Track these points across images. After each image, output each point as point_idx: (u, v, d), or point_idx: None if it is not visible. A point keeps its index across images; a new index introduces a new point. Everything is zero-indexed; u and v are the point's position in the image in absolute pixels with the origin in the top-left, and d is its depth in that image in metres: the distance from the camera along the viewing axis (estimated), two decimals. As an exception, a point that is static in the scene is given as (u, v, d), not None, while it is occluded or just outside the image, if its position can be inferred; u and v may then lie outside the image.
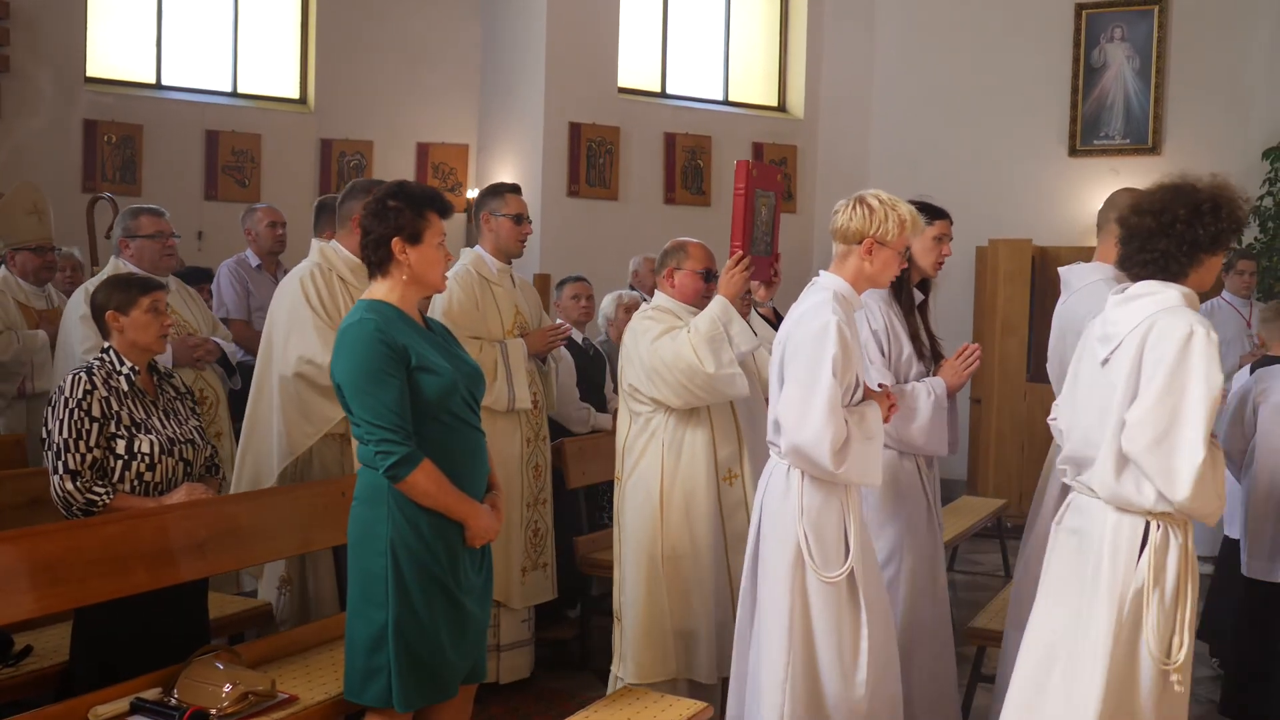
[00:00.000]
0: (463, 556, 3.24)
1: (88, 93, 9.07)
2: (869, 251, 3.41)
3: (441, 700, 3.26)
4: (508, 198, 4.84)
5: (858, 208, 3.41)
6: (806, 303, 3.46)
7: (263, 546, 3.92)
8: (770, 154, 10.72)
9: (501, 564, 4.68)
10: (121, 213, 5.08)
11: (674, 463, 4.15)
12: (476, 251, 4.90)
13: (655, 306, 4.28)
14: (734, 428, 4.23)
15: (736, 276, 4.03)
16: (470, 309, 4.70)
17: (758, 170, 4.06)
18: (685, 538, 4.13)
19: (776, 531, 3.43)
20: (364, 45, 10.12)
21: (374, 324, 3.11)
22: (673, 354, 4.01)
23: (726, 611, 4.08)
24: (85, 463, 3.53)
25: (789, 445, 3.34)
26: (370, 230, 3.21)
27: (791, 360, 3.37)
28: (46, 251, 5.72)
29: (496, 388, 4.67)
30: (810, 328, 3.34)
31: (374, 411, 3.07)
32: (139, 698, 3.27)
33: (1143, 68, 9.80)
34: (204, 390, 5.01)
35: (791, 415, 3.32)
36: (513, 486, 4.81)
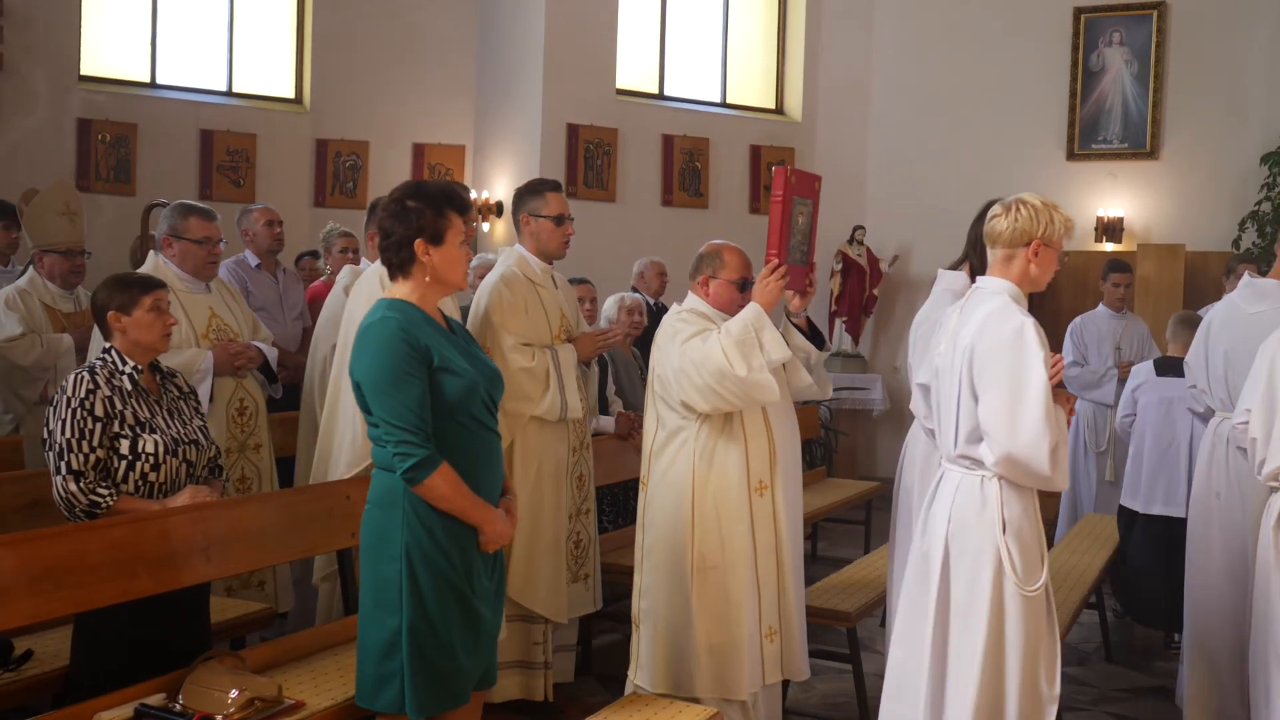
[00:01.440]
0: (477, 561, 3.19)
1: (82, 91, 9.01)
2: (1036, 253, 3.33)
3: (454, 707, 3.20)
4: (548, 197, 4.63)
5: (1022, 209, 3.33)
6: (982, 309, 3.32)
7: (267, 550, 3.86)
8: (768, 156, 10.70)
9: (548, 579, 4.57)
10: (170, 207, 4.84)
11: (705, 471, 3.99)
12: (518, 251, 4.71)
13: (689, 309, 4.13)
14: (766, 438, 4.06)
15: (772, 285, 3.90)
16: (519, 312, 4.53)
17: (796, 177, 3.95)
18: (717, 549, 3.97)
19: (972, 545, 3.29)
20: (360, 45, 10.07)
21: (396, 323, 3.06)
22: (702, 355, 3.87)
23: (755, 625, 3.99)
24: (89, 463, 3.47)
25: (1002, 454, 3.20)
26: (391, 232, 3.16)
27: (988, 368, 3.24)
28: (76, 255, 5.50)
29: (549, 397, 4.51)
30: (1003, 332, 3.23)
31: (394, 412, 3.02)
32: (143, 703, 3.21)
33: (1141, 72, 9.80)
34: (244, 400, 4.83)
35: (1002, 423, 3.19)
36: (559, 497, 4.65)
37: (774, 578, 4.04)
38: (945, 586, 3.34)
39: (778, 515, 4.04)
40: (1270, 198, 9.08)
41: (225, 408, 4.76)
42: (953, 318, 3.45)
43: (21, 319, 5.21)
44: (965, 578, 3.30)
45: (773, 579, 4.04)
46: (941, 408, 3.43)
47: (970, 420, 3.29)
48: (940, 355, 3.44)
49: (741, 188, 10.69)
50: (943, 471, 3.45)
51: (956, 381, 3.32)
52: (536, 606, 4.59)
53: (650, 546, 4.11)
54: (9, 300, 5.25)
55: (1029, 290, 3.41)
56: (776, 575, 4.05)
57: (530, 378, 4.48)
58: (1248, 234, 9.14)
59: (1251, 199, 9.20)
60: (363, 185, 10.09)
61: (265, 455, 4.91)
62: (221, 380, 4.69)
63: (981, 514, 3.28)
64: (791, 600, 4.08)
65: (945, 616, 3.34)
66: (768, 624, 4.04)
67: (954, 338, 3.37)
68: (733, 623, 3.96)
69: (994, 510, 3.27)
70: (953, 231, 11.72)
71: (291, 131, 9.93)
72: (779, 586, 4.05)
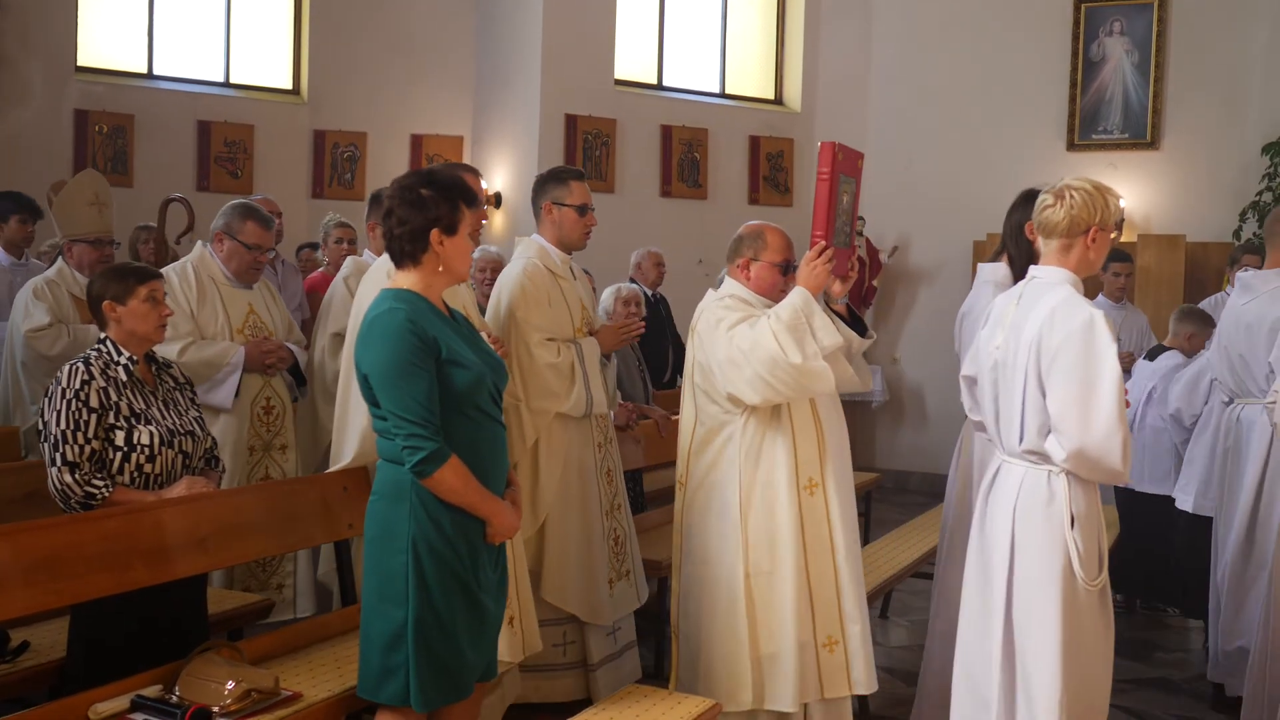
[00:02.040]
0: (482, 553, 3.17)
1: (78, 82, 8.97)
2: (1094, 239, 3.26)
3: (458, 700, 3.19)
4: (572, 185, 4.51)
5: (1075, 196, 3.24)
6: (1046, 300, 3.24)
7: (264, 541, 3.84)
8: (767, 147, 10.67)
9: (586, 580, 4.49)
10: (231, 206, 4.83)
11: (752, 470, 3.77)
12: (537, 242, 4.56)
13: (730, 294, 3.88)
14: (815, 433, 3.82)
15: (819, 268, 3.67)
16: (543, 305, 4.40)
17: (843, 154, 3.70)
18: (767, 554, 3.76)
19: (1038, 541, 3.23)
20: (358, 35, 10.03)
21: (405, 314, 3.03)
22: (751, 342, 3.63)
23: (809, 634, 3.77)
24: (84, 454, 3.45)
25: (1074, 448, 3.13)
26: (406, 220, 3.11)
27: (1058, 362, 3.15)
28: (105, 244, 5.44)
29: (575, 392, 4.40)
30: (1073, 325, 3.14)
31: (402, 405, 2.99)
32: (140, 695, 3.20)
33: (1141, 62, 9.77)
34: (271, 399, 4.81)
35: (1074, 417, 3.12)
36: (588, 494, 4.55)
37: (831, 583, 3.80)
38: (1009, 583, 3.27)
39: (830, 515, 3.81)
40: (1271, 188, 9.05)
41: (251, 405, 4.76)
42: (1008, 309, 3.36)
43: (49, 309, 5.18)
44: (1032, 574, 3.23)
45: (829, 584, 3.80)
46: (1001, 401, 3.34)
47: (1038, 415, 3.21)
48: (998, 348, 3.34)
49: (740, 179, 10.65)
50: (999, 465, 3.38)
51: (1022, 375, 3.23)
52: (571, 607, 4.49)
53: (692, 551, 3.91)
54: (37, 290, 5.20)
55: (1087, 274, 3.34)
56: (834, 580, 3.81)
57: (556, 374, 4.38)
58: (1248, 224, 9.11)
59: (1252, 189, 9.17)
60: (361, 176, 10.05)
61: (291, 458, 4.86)
62: (249, 377, 4.68)
63: (1049, 509, 3.22)
64: (851, 607, 3.82)
65: (1011, 614, 3.27)
66: (825, 633, 3.80)
67: (1016, 330, 3.28)
68: (784, 632, 3.74)
69: (1061, 505, 3.21)
70: (952, 223, 11.81)
71: (289, 122, 9.90)
72: (837, 592, 3.81)
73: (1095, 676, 3.29)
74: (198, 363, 4.52)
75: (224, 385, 4.62)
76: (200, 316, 4.64)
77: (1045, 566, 3.21)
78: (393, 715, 3.14)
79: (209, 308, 4.66)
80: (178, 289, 4.59)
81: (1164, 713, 5.08)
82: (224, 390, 4.62)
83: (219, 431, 4.53)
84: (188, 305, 4.62)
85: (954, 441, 4.50)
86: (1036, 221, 3.33)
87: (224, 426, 4.65)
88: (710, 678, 3.82)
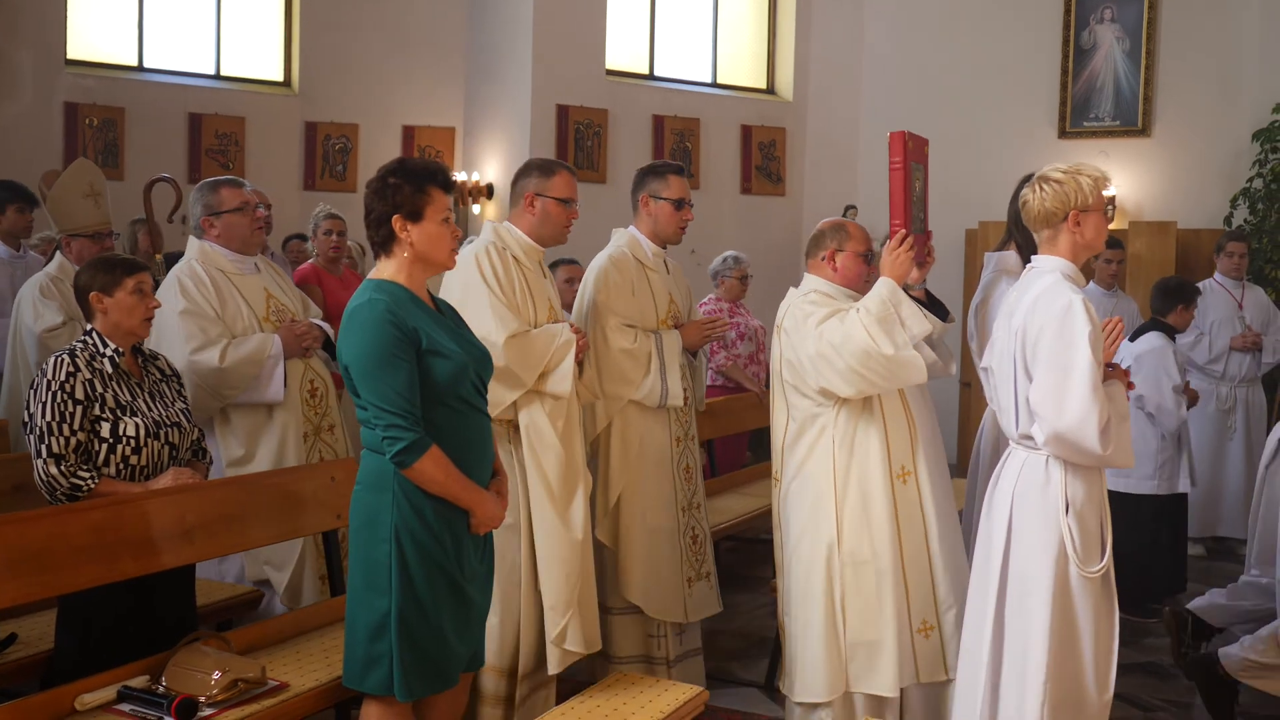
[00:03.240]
0: (467, 544, 3.18)
1: (68, 75, 8.96)
2: (1076, 223, 3.32)
3: (443, 689, 3.21)
4: (670, 179, 4.53)
5: (1045, 187, 3.32)
6: (1034, 289, 3.31)
7: (251, 532, 3.85)
8: (759, 136, 10.67)
9: (657, 576, 4.46)
10: (197, 188, 4.60)
11: (846, 460, 3.82)
12: (631, 233, 4.60)
13: (814, 290, 3.96)
14: (906, 421, 3.89)
15: (902, 257, 3.75)
16: (626, 293, 4.43)
17: (913, 141, 3.76)
18: (864, 542, 3.81)
19: (1033, 525, 3.28)
20: (349, 27, 10.01)
21: (384, 305, 3.04)
22: (843, 336, 3.69)
23: (905, 620, 3.83)
24: (69, 446, 3.46)
25: (1050, 433, 3.20)
26: (371, 209, 3.14)
27: (1037, 347, 3.24)
28: (105, 237, 5.29)
29: (649, 381, 4.40)
30: (1052, 310, 3.22)
31: (382, 395, 3.00)
32: (126, 685, 3.22)
33: (1132, 49, 9.77)
34: (314, 381, 4.61)
35: (1049, 402, 3.18)
36: (663, 488, 4.52)
37: (925, 569, 3.86)
38: (1005, 566, 3.33)
39: (924, 502, 3.86)
40: (1262, 174, 9.05)
41: (299, 391, 4.54)
42: (1010, 298, 3.45)
43: (60, 307, 5.03)
44: (1026, 557, 3.29)
45: (924, 570, 3.85)
46: (999, 390, 3.42)
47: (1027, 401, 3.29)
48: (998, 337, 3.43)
49: (733, 168, 10.65)
50: (1009, 452, 3.43)
51: (1011, 362, 3.32)
52: (635, 599, 4.46)
53: (789, 545, 3.96)
54: (44, 288, 5.03)
55: (1087, 255, 3.40)
56: (929, 566, 3.86)
57: (630, 359, 4.39)
58: (1239, 211, 9.12)
59: (1243, 176, 9.17)
60: (352, 168, 10.05)
61: (340, 436, 4.70)
62: (290, 363, 4.45)
63: (1044, 493, 3.27)
64: (945, 593, 3.88)
65: (1003, 597, 3.33)
66: (920, 618, 3.85)
67: (1008, 319, 3.37)
68: (883, 618, 3.79)
69: (1056, 490, 3.26)
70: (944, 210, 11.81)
71: (280, 114, 9.88)
72: (931, 578, 3.87)
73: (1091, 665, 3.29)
74: (240, 362, 4.30)
75: (272, 377, 4.39)
76: (225, 315, 4.39)
77: (1038, 551, 3.25)
78: (377, 705, 3.15)
79: (231, 305, 4.41)
80: (195, 293, 4.35)
81: (1153, 697, 5.10)
82: (274, 383, 4.38)
83: (277, 426, 4.43)
84: (210, 307, 4.36)
85: (949, 429, 4.53)
86: (1025, 214, 3.41)
87: (279, 420, 4.45)
88: (809, 665, 3.85)
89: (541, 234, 4.19)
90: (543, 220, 4.17)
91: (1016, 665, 3.28)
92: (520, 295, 4.01)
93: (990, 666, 3.32)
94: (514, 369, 3.86)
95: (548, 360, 3.92)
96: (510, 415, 3.95)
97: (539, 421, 3.94)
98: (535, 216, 4.17)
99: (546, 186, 4.18)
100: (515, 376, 3.89)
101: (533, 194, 4.17)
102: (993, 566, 3.35)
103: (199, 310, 4.32)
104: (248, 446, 4.43)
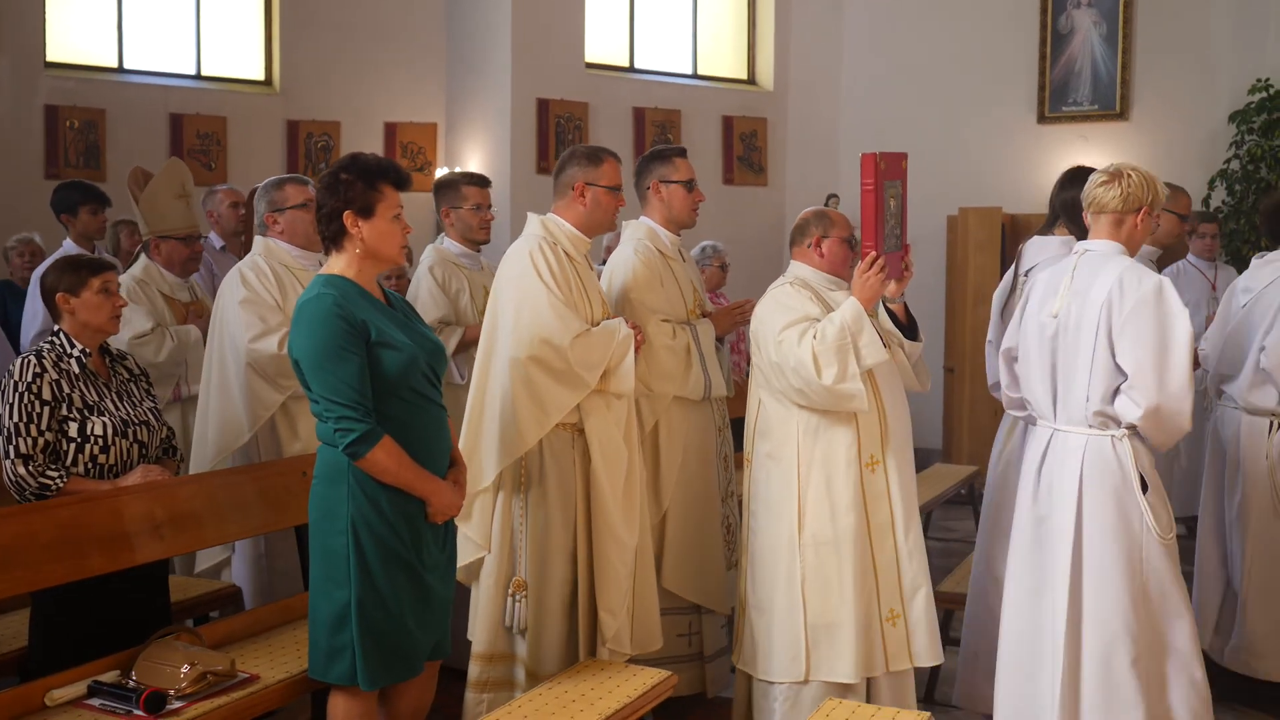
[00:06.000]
0: (425, 533, 3.23)
1: (48, 78, 8.96)
2: (1144, 218, 3.59)
3: (407, 678, 3.25)
4: (677, 162, 4.48)
5: (1132, 177, 3.54)
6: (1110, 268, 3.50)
7: (222, 527, 3.89)
8: (740, 127, 10.68)
9: (705, 567, 4.48)
10: (263, 186, 4.61)
11: (811, 445, 3.83)
12: (646, 224, 4.51)
13: (796, 279, 3.98)
14: (877, 411, 3.87)
15: (872, 280, 3.76)
16: (656, 287, 4.36)
17: (885, 162, 3.79)
18: (826, 525, 3.81)
19: (1109, 506, 3.48)
20: (329, 25, 10.01)
21: (332, 299, 3.08)
22: (796, 360, 3.74)
23: (873, 607, 3.83)
24: (37, 447, 3.50)
25: (1150, 407, 3.38)
26: (322, 204, 3.19)
27: (1131, 325, 3.41)
28: (195, 240, 5.19)
29: (693, 375, 4.37)
30: (1144, 290, 3.42)
31: (333, 388, 3.05)
32: (96, 680, 3.26)
33: (1109, 33, 9.78)
34: None
35: (1150, 378, 3.38)
36: (709, 480, 4.52)
37: (891, 557, 3.87)
38: (1079, 550, 3.49)
39: (891, 490, 3.87)
40: (1239, 156, 9.09)
41: None
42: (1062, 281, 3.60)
43: (148, 312, 4.89)
44: (1103, 539, 3.47)
45: (890, 558, 3.86)
46: (1061, 368, 3.56)
47: (1106, 378, 3.46)
48: (1054, 317, 3.58)
49: (714, 159, 10.67)
50: (1050, 435, 3.60)
51: (1090, 340, 3.47)
52: (693, 596, 4.48)
53: (755, 527, 3.98)
54: (130, 293, 4.78)
55: (1135, 249, 3.65)
56: (894, 555, 3.87)
57: (673, 355, 4.35)
58: (1217, 193, 9.16)
59: (1220, 158, 9.20)
60: (335, 166, 10.05)
61: None
62: None
63: (1118, 474, 3.47)
64: (911, 580, 3.88)
65: (1080, 580, 3.49)
66: (888, 607, 3.85)
67: (1080, 297, 3.52)
68: (843, 602, 3.79)
69: (1129, 469, 3.47)
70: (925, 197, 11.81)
71: (262, 113, 9.89)
72: (896, 567, 3.87)
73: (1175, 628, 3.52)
74: None
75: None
76: (287, 308, 4.31)
77: (1118, 532, 3.47)
78: (343, 695, 3.20)
79: (292, 298, 4.32)
80: (255, 283, 4.36)
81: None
82: None
83: None
84: (272, 298, 4.36)
85: (933, 414, 4.58)
86: (1090, 197, 3.61)
87: None
88: (768, 649, 3.88)
89: (590, 224, 4.09)
90: (593, 210, 4.06)
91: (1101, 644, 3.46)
92: (576, 292, 3.94)
93: (1068, 652, 3.48)
94: (578, 370, 3.80)
95: (609, 359, 3.86)
96: (574, 419, 3.89)
97: (610, 430, 3.91)
98: (586, 207, 4.04)
99: (596, 175, 4.05)
100: (579, 378, 3.82)
101: (583, 184, 4.03)
102: (1060, 551, 3.52)
103: (259, 299, 4.32)
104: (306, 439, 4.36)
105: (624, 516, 3.90)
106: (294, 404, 4.35)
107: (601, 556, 3.86)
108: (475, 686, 3.92)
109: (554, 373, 3.81)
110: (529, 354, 3.79)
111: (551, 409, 3.83)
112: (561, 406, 3.83)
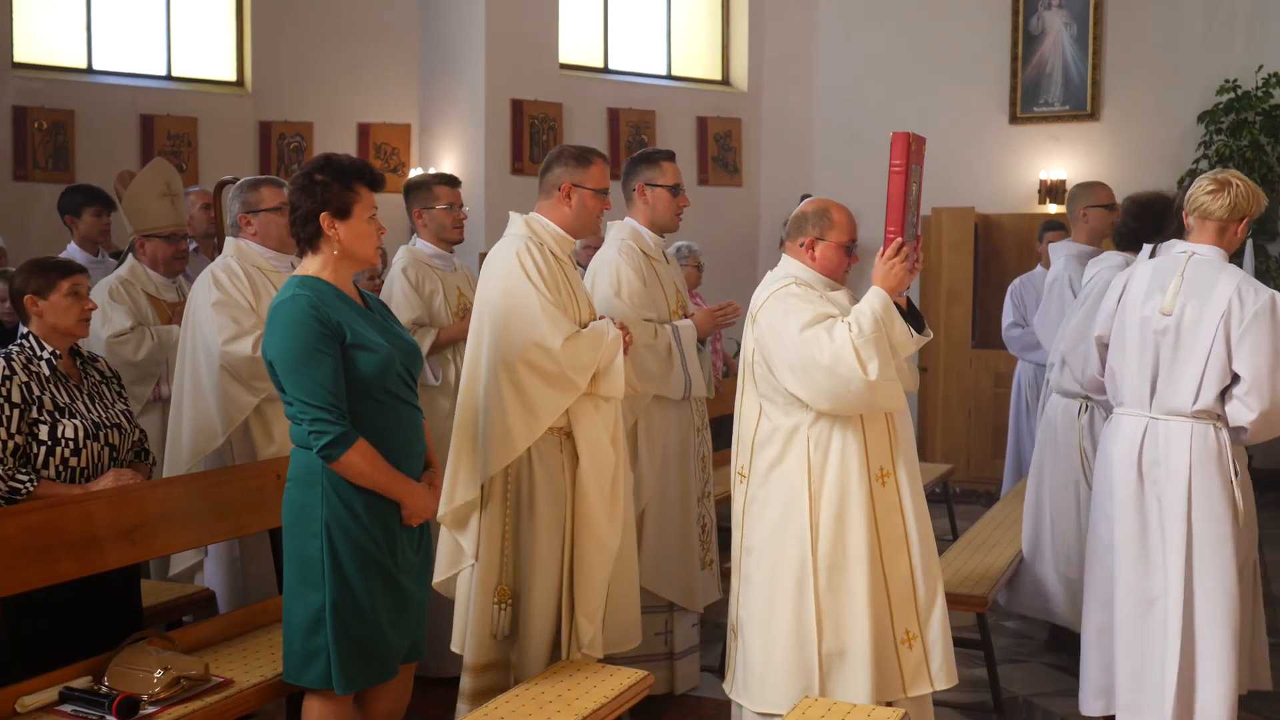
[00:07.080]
0: (400, 536, 3.21)
1: (16, 78, 8.87)
2: (1245, 227, 3.87)
3: (382, 681, 3.24)
4: (664, 166, 4.50)
5: (1241, 187, 3.82)
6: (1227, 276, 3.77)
7: (195, 531, 3.86)
8: (715, 127, 10.70)
9: (680, 565, 4.49)
10: (237, 186, 4.56)
11: (822, 461, 3.56)
12: (630, 224, 4.53)
13: (795, 277, 3.66)
14: (885, 421, 3.64)
15: (897, 268, 3.48)
16: (640, 287, 4.38)
17: (915, 143, 3.50)
18: (840, 546, 3.55)
19: (1214, 493, 3.83)
20: (301, 25, 9.97)
21: (307, 300, 3.06)
22: (832, 357, 3.42)
23: (887, 629, 3.58)
24: (6, 450, 3.46)
25: (1265, 410, 3.72)
26: (298, 205, 3.16)
27: (1252, 333, 3.72)
28: (180, 239, 5.13)
29: (673, 375, 4.38)
30: (1261, 303, 3.73)
31: (307, 390, 3.03)
32: (68, 686, 3.23)
33: (1080, 34, 9.86)
34: None
35: (1265, 386, 3.72)
36: (686, 479, 4.52)
37: (906, 576, 3.61)
38: (1190, 535, 3.83)
39: (903, 505, 3.62)
40: (1207, 155, 9.19)
41: None
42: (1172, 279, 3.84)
43: (129, 311, 4.85)
44: (1210, 521, 3.82)
45: (904, 577, 3.61)
46: (1167, 363, 3.85)
47: (1219, 379, 3.76)
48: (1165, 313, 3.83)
49: (689, 159, 10.67)
50: (1147, 423, 3.91)
51: (1208, 341, 3.75)
52: (669, 594, 4.48)
53: (754, 546, 3.69)
54: (113, 291, 4.81)
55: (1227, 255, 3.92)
56: (909, 573, 3.62)
57: (654, 355, 4.37)
58: (1186, 192, 9.23)
59: (1190, 157, 9.30)
60: (308, 167, 9.99)
61: None
62: None
63: (1219, 463, 3.83)
64: (926, 600, 3.64)
65: (1192, 563, 3.84)
66: (903, 628, 3.60)
67: (1199, 299, 3.78)
68: (856, 626, 3.54)
69: (1228, 458, 3.84)
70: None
71: (234, 114, 9.83)
72: (912, 585, 3.63)
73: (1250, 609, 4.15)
74: None
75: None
76: (261, 310, 4.27)
77: (1220, 517, 3.83)
78: (318, 699, 3.18)
79: (265, 301, 4.30)
80: (228, 285, 4.31)
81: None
82: None
83: None
84: (245, 299, 4.31)
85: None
86: (1196, 204, 3.87)
87: None
88: (770, 678, 3.62)
89: (575, 226, 4.00)
90: (579, 212, 3.97)
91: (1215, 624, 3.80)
92: (564, 293, 3.86)
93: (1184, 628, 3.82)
94: (568, 373, 3.72)
95: (599, 361, 3.80)
96: (563, 423, 3.82)
97: (598, 434, 3.84)
98: (571, 208, 3.96)
99: (584, 177, 3.96)
100: (569, 380, 3.75)
101: (570, 185, 3.95)
102: (1172, 537, 3.84)
103: (232, 301, 4.28)
104: (281, 442, 4.31)
105: (609, 521, 3.87)
106: (268, 407, 4.32)
107: (583, 561, 3.83)
108: (468, 698, 3.85)
109: (545, 375, 3.74)
110: (519, 357, 3.73)
111: (542, 413, 3.76)
112: (552, 410, 3.76)
